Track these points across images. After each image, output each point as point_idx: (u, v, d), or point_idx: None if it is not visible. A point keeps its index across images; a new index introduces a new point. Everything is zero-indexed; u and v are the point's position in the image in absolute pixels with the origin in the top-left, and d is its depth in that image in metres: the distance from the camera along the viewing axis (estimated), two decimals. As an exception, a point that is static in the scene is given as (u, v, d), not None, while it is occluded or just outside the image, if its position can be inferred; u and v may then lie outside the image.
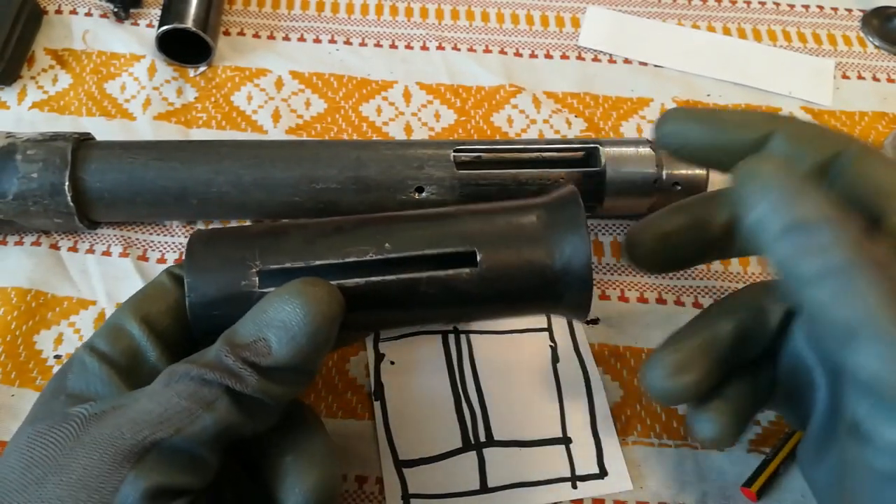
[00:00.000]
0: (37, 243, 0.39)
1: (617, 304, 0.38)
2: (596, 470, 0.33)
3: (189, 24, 0.43)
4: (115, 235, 0.39)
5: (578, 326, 0.37)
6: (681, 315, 0.38)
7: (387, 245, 0.26)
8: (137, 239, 0.39)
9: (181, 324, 0.27)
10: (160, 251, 0.39)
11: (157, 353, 0.26)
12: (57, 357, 0.35)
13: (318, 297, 0.23)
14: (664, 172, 0.38)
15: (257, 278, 0.26)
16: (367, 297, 0.26)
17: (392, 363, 0.36)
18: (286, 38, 0.48)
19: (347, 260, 0.26)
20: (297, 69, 0.46)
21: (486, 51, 0.48)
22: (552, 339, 0.37)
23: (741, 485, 0.33)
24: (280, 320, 0.23)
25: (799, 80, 0.47)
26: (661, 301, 0.38)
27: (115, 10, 0.47)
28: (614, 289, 0.39)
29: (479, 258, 0.26)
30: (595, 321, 0.37)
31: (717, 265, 0.40)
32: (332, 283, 0.25)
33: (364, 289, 0.26)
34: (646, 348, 0.37)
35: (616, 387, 0.36)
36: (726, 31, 0.50)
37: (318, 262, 0.26)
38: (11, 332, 0.36)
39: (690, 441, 0.34)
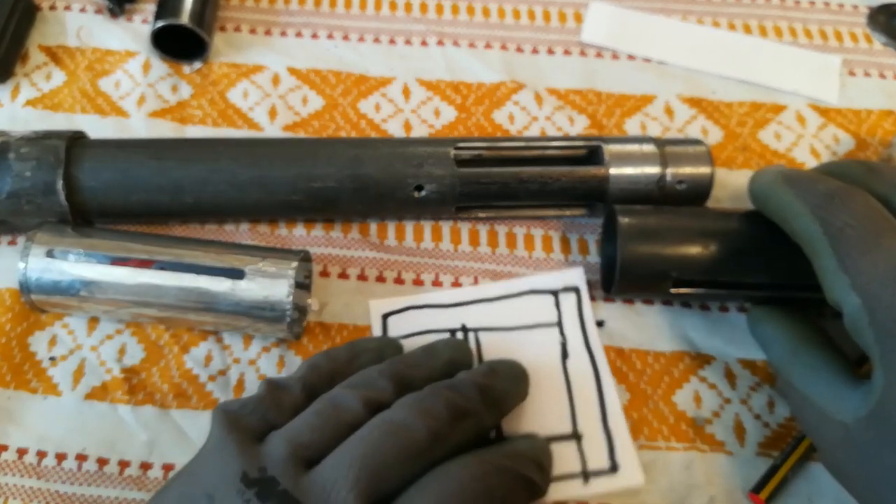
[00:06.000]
0: (30, 243, 0.38)
1: (622, 306, 0.37)
2: (608, 465, 0.33)
3: (184, 20, 0.42)
4: (109, 235, 0.38)
5: (589, 322, 0.36)
6: (686, 318, 0.37)
7: None
8: (132, 239, 0.39)
9: None
10: (156, 251, 0.38)
11: None
12: (52, 359, 0.35)
13: None
14: (668, 171, 0.37)
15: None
16: None
17: None
18: (283, 34, 0.47)
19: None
20: (294, 65, 0.45)
21: (487, 46, 0.47)
22: (562, 334, 0.36)
23: (749, 491, 0.32)
24: None
25: (805, 77, 0.46)
26: (666, 303, 0.38)
27: (110, 6, 0.46)
28: (618, 289, 0.38)
29: None
30: (601, 323, 0.37)
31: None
32: None
33: None
34: (651, 351, 0.36)
35: (622, 390, 0.35)
36: (731, 27, 0.49)
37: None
38: (6, 334, 0.35)
39: (698, 445, 0.34)
